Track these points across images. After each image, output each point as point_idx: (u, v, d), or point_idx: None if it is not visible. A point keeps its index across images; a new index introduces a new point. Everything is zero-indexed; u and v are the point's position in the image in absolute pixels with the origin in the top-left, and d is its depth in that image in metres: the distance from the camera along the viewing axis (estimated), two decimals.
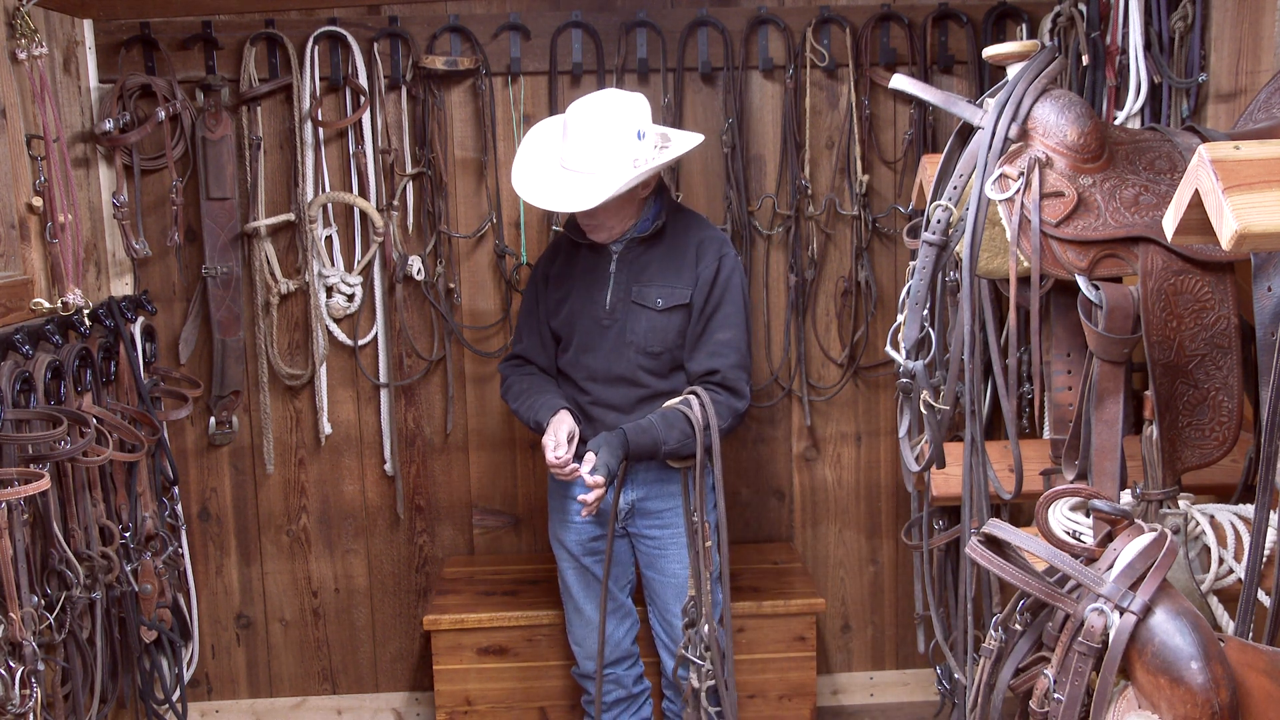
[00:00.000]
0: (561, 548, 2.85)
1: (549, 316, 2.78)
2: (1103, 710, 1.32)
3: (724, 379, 2.61)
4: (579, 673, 2.93)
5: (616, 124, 2.53)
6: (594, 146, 2.52)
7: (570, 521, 2.81)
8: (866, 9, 3.22)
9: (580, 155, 2.53)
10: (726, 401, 2.59)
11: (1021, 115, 1.67)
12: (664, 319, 2.65)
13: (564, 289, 2.74)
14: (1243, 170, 1.23)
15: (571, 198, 2.52)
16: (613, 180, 2.49)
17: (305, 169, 3.17)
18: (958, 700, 2.29)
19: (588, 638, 2.86)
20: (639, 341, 2.66)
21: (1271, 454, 1.30)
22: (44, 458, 2.39)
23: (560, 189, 2.55)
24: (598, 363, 2.69)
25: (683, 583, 2.74)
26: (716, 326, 2.64)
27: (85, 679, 2.62)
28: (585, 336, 2.70)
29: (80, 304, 2.72)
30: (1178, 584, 1.50)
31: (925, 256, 1.78)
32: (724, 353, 2.62)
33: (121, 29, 3.11)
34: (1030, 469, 2.06)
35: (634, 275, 2.67)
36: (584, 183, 2.52)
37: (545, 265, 2.82)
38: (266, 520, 3.41)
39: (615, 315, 2.68)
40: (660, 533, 2.76)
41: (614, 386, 2.69)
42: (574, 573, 2.84)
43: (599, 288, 2.69)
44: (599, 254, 2.71)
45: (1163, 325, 1.58)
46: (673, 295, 2.64)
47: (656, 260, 2.67)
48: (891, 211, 3.31)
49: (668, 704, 2.97)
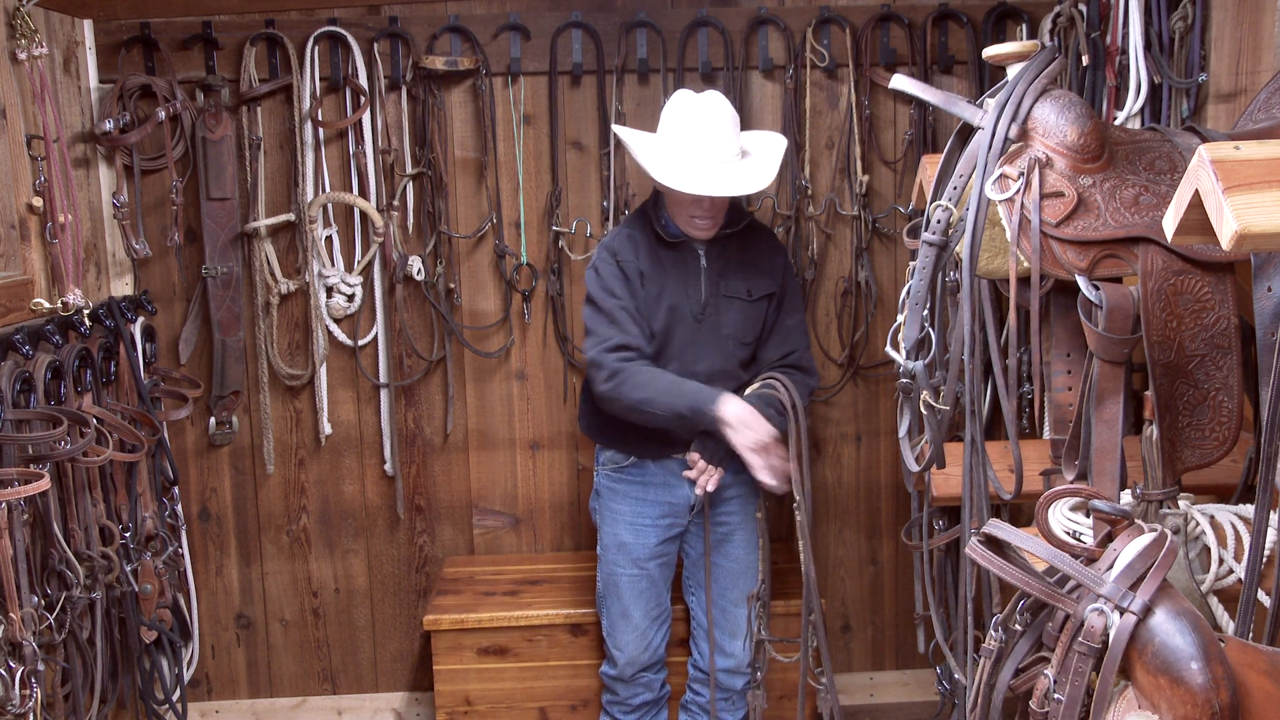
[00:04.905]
0: (622, 553, 2.82)
1: (649, 315, 2.71)
2: (1103, 710, 1.32)
3: (800, 359, 2.79)
4: (612, 674, 2.91)
5: (734, 116, 2.68)
6: (735, 133, 2.66)
7: (641, 526, 2.80)
8: (866, 9, 3.22)
9: (733, 140, 2.64)
10: (804, 380, 2.77)
11: (1021, 115, 1.67)
12: (755, 309, 2.76)
13: (658, 286, 2.72)
14: (1243, 170, 1.23)
15: (745, 181, 2.61)
16: (771, 162, 2.66)
17: (305, 169, 3.17)
18: (958, 700, 2.29)
19: (632, 643, 2.85)
20: (735, 333, 2.74)
21: (1271, 454, 1.30)
22: (44, 458, 2.39)
23: (726, 176, 2.60)
24: (696, 358, 2.72)
25: (744, 567, 2.84)
26: (786, 312, 2.81)
27: (85, 679, 2.62)
28: (685, 332, 2.72)
29: (80, 304, 2.72)
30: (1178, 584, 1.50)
31: (925, 256, 1.78)
32: (796, 335, 2.81)
33: (121, 29, 3.11)
34: (1030, 469, 2.06)
35: (721, 269, 2.74)
36: (748, 167, 2.64)
37: (632, 260, 2.71)
38: (266, 520, 3.41)
39: (708, 310, 2.73)
40: (731, 518, 2.83)
41: (714, 380, 2.71)
42: (632, 579, 2.83)
43: (692, 283, 2.73)
44: (685, 251, 2.74)
45: (1163, 325, 1.58)
46: (759, 286, 2.76)
47: (737, 254, 2.76)
48: (891, 211, 3.31)
49: (691, 697, 2.98)
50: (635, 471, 2.80)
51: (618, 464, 2.81)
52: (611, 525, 2.84)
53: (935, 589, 2.52)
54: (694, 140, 2.62)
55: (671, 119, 2.67)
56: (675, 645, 3.02)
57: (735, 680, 2.89)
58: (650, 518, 2.80)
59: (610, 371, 2.63)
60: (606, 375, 2.63)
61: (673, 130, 2.66)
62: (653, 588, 2.83)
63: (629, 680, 2.88)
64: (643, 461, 2.78)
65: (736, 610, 2.85)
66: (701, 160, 2.60)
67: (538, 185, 3.30)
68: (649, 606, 2.84)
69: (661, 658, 2.92)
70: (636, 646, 2.84)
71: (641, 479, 2.79)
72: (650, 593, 2.83)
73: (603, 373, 2.63)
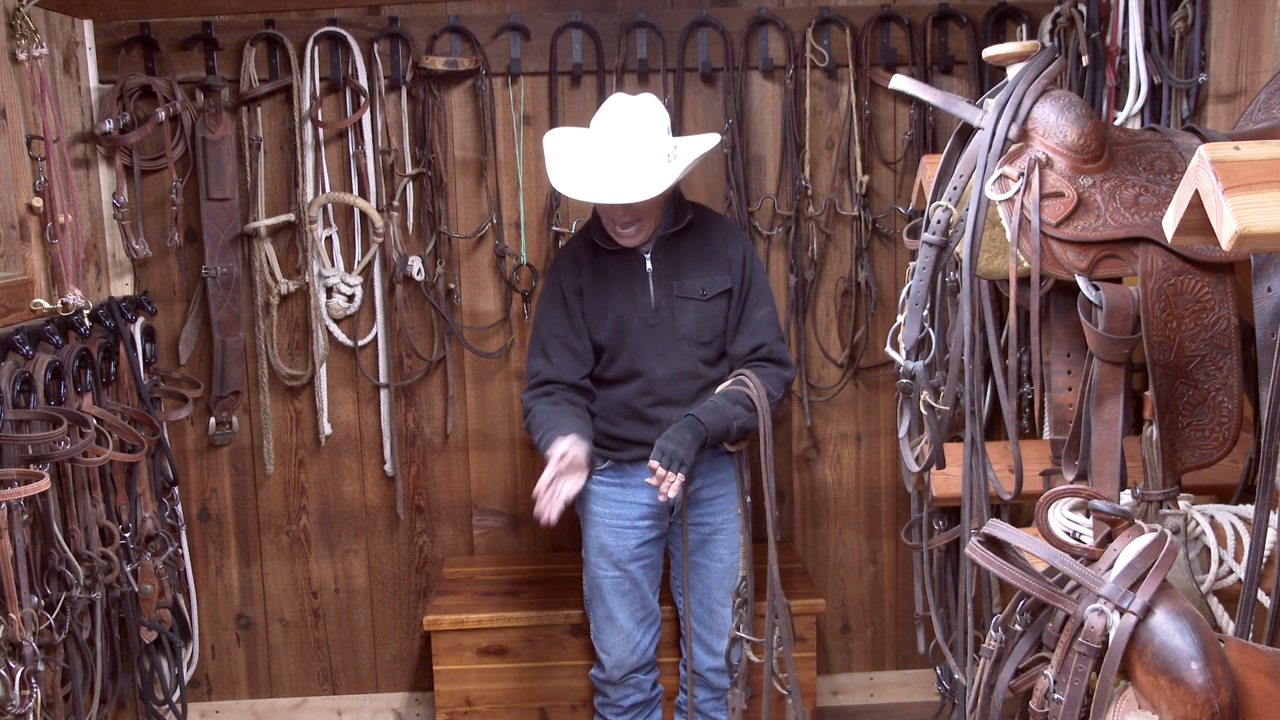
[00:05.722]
0: (603, 555, 2.81)
1: (592, 329, 2.72)
2: (1103, 710, 1.32)
3: (770, 352, 2.73)
4: (601, 677, 2.91)
5: (657, 118, 2.59)
6: (646, 137, 2.56)
7: (620, 528, 2.79)
8: (866, 9, 3.22)
9: (637, 145, 2.54)
10: (777, 373, 2.71)
11: (1021, 116, 1.67)
12: (710, 307, 2.72)
13: (601, 297, 2.71)
14: (1243, 170, 1.23)
15: (635, 188, 2.51)
16: (673, 166, 2.56)
17: (305, 169, 3.17)
18: (958, 701, 2.29)
19: (618, 645, 2.85)
20: (691, 333, 2.71)
21: (1271, 454, 1.30)
22: (44, 458, 2.39)
23: (618, 182, 2.53)
24: (655, 362, 2.70)
25: (728, 567, 2.83)
26: (752, 305, 2.75)
27: (85, 679, 2.62)
28: (637, 339, 2.70)
29: (80, 304, 2.72)
30: (1178, 584, 1.50)
31: (925, 257, 1.78)
32: (765, 328, 2.74)
33: (121, 29, 3.11)
34: (1030, 469, 2.06)
35: (671, 270, 2.71)
36: (643, 171, 2.53)
37: (571, 278, 2.73)
38: (266, 521, 3.41)
39: (660, 313, 2.70)
40: (713, 519, 2.82)
41: (675, 383, 2.70)
42: (613, 581, 2.82)
43: (639, 288, 2.70)
44: (629, 257, 2.71)
45: (1163, 326, 1.58)
46: (714, 283, 2.72)
47: (689, 253, 2.72)
48: (891, 212, 3.31)
49: (683, 697, 2.97)
50: (613, 474, 2.79)
51: (595, 468, 2.80)
52: (592, 529, 2.83)
53: (935, 589, 2.52)
54: (596, 145, 2.60)
55: (593, 123, 2.66)
56: (667, 646, 3.02)
57: (724, 679, 2.88)
58: (629, 519, 2.79)
59: (524, 409, 2.74)
60: (525, 410, 2.73)
61: (583, 135, 2.66)
62: (636, 590, 2.83)
63: (618, 683, 2.87)
64: (620, 465, 2.77)
65: (723, 610, 2.84)
66: (597, 165, 2.57)
67: (538, 185, 3.30)
68: (634, 609, 2.83)
69: (651, 659, 2.91)
70: (623, 649, 2.84)
71: (619, 481, 2.78)
72: (634, 595, 2.82)
73: (525, 409, 2.74)
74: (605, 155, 2.57)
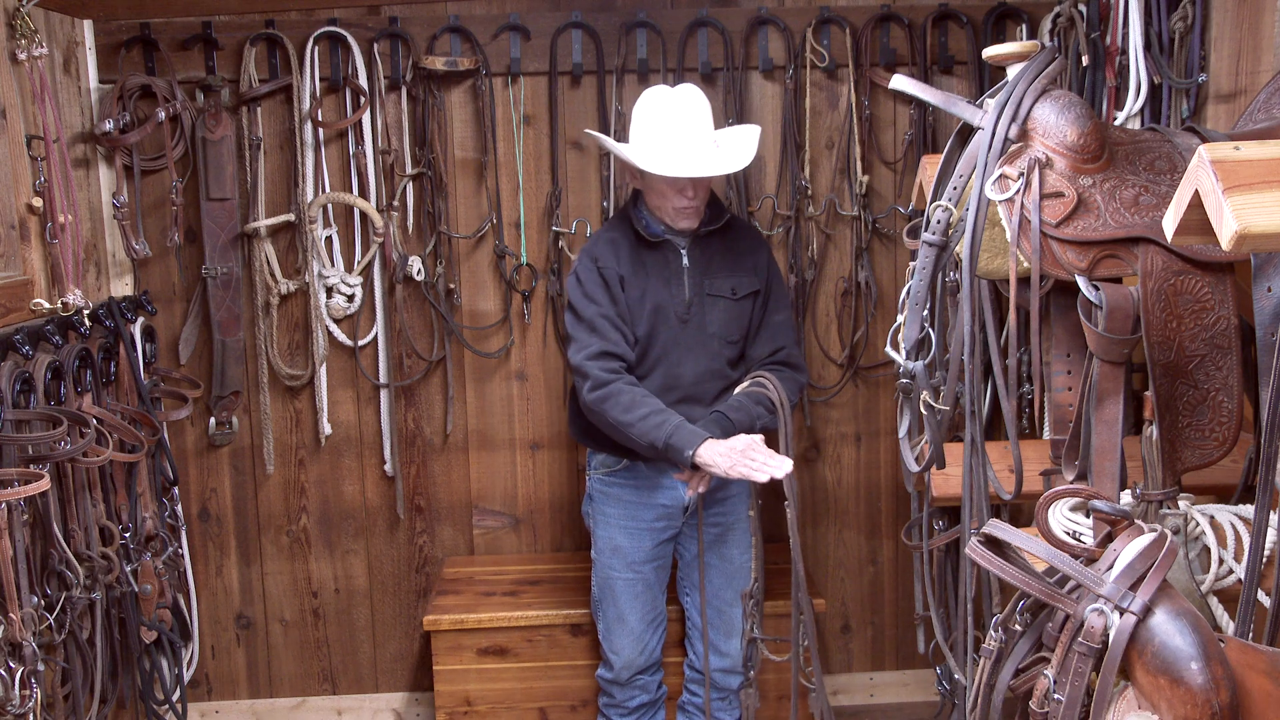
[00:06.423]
0: (617, 556, 2.81)
1: (632, 319, 2.70)
2: (1103, 710, 1.32)
3: (788, 356, 2.76)
4: (608, 678, 2.91)
5: (708, 105, 2.69)
6: (709, 120, 2.68)
7: (636, 530, 2.79)
8: (866, 9, 3.22)
9: (708, 126, 2.66)
10: (793, 377, 2.74)
11: (1021, 116, 1.67)
12: (739, 307, 2.75)
13: (640, 288, 2.70)
14: (1243, 170, 1.23)
15: (720, 162, 2.62)
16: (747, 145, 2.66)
17: (305, 169, 3.17)
18: (958, 701, 2.29)
19: (628, 646, 2.85)
20: (720, 332, 2.73)
21: (1271, 454, 1.30)
22: (44, 458, 2.39)
23: (705, 158, 2.62)
24: (685, 358, 2.71)
25: (738, 567, 2.83)
26: (773, 309, 2.79)
27: (85, 679, 2.62)
28: (670, 333, 2.70)
29: (80, 304, 2.72)
30: (1178, 584, 1.50)
31: (925, 257, 1.78)
32: (783, 332, 2.79)
33: (121, 29, 3.11)
34: (1030, 469, 2.06)
35: (704, 268, 2.73)
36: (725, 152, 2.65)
37: (612, 264, 2.69)
38: (266, 521, 3.41)
39: (693, 309, 2.71)
40: (725, 519, 2.83)
41: (702, 381, 2.71)
42: (627, 582, 2.82)
43: (675, 283, 2.71)
44: (667, 251, 2.72)
45: (1163, 326, 1.58)
46: (744, 284, 2.75)
47: (721, 253, 2.75)
48: (891, 212, 3.31)
49: (688, 697, 2.98)
50: (628, 474, 2.79)
51: (610, 467, 2.81)
52: (605, 529, 2.83)
53: (935, 589, 2.52)
54: (671, 126, 2.62)
55: (647, 110, 2.67)
56: (672, 646, 3.02)
57: (731, 680, 2.88)
58: (645, 520, 2.79)
59: (595, 382, 2.60)
60: (591, 385, 2.60)
61: (649, 120, 2.65)
62: (648, 591, 2.83)
63: (625, 684, 2.88)
64: (635, 464, 2.77)
65: (732, 610, 2.84)
66: (679, 145, 2.60)
67: (538, 185, 3.30)
68: (645, 610, 2.83)
69: (658, 660, 2.92)
70: (633, 650, 2.84)
71: (635, 482, 2.79)
72: (646, 596, 2.83)
73: (588, 382, 2.61)
74: (686, 135, 2.62)
